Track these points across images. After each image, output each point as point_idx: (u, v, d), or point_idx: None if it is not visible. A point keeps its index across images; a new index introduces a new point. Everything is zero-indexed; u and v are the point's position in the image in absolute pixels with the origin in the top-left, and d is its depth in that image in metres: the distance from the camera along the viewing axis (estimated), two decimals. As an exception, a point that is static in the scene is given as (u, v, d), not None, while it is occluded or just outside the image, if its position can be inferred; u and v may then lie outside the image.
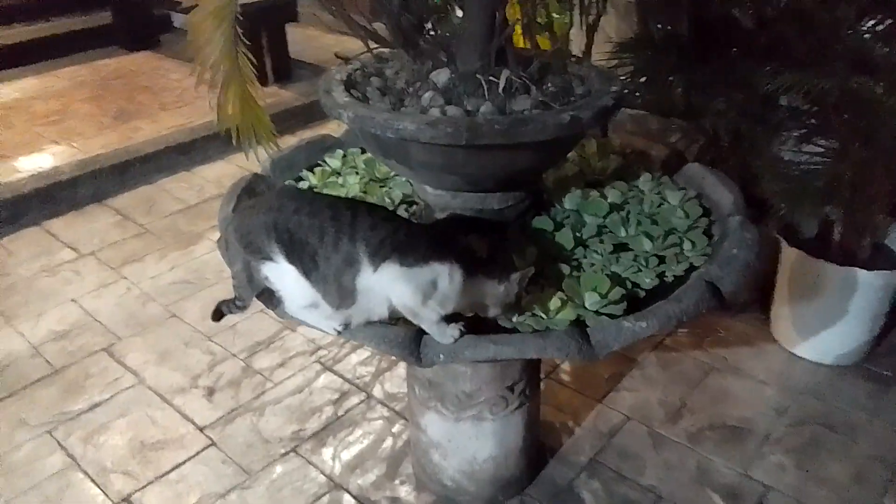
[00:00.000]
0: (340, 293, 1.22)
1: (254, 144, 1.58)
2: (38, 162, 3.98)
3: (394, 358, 2.39)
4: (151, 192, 3.92)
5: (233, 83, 1.47)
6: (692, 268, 1.49)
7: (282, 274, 1.25)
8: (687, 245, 1.56)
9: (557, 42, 2.53)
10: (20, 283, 3.13)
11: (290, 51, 5.30)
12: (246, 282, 1.30)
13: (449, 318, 1.26)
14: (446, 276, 1.20)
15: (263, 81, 4.69)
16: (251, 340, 2.71)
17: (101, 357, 2.65)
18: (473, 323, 1.30)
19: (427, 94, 1.47)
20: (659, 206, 1.73)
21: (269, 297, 1.34)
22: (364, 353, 2.61)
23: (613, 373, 2.48)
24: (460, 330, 1.24)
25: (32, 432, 2.29)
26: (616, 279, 1.45)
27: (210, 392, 2.45)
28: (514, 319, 1.34)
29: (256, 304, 1.38)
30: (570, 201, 1.72)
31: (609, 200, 1.73)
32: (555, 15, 3.91)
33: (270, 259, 1.23)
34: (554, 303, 1.37)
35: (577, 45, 3.88)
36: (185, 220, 3.63)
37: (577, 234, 1.61)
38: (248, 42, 1.49)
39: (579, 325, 1.32)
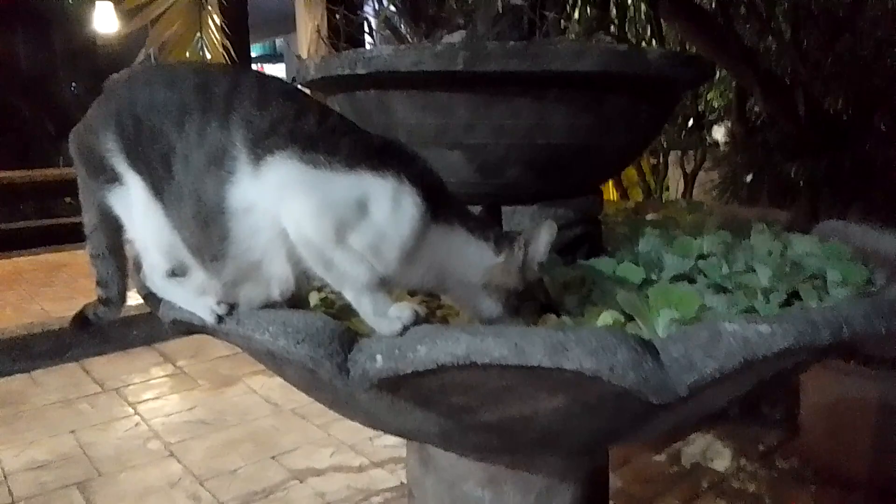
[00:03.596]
0: (202, 219, 0.72)
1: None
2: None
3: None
4: (203, 339, 3.62)
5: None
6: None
7: (128, 202, 0.77)
8: (834, 275, 0.96)
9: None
10: (29, 413, 2.80)
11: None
12: (104, 246, 0.83)
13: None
14: (387, 197, 0.69)
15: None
16: (248, 489, 2.14)
17: (70, 492, 2.16)
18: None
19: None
20: (781, 254, 1.16)
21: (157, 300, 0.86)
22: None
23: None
24: (413, 310, 0.69)
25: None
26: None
27: (172, 545, 1.86)
28: (530, 336, 0.77)
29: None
30: (645, 243, 1.19)
31: (704, 250, 1.18)
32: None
33: (114, 179, 0.76)
34: (604, 318, 0.81)
35: (675, 188, 3.49)
36: (227, 364, 3.27)
37: (652, 278, 1.06)
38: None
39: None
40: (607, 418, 0.78)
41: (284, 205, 0.69)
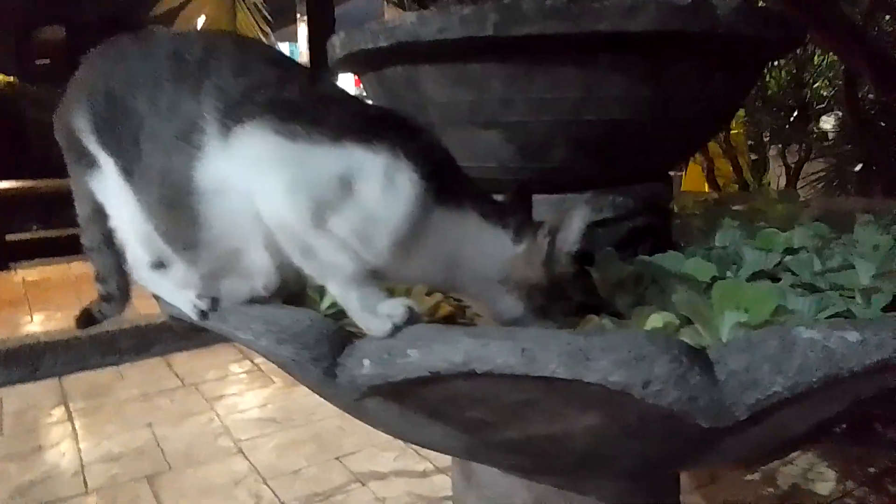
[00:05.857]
0: (168, 202, 0.64)
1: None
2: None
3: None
4: (281, 337, 3.68)
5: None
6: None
7: (106, 189, 0.70)
8: (957, 273, 0.78)
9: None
10: (112, 405, 2.89)
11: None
12: (99, 239, 0.76)
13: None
14: (377, 173, 0.59)
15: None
16: (310, 490, 2.10)
17: (140, 486, 2.19)
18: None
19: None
20: (891, 249, 0.97)
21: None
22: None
23: None
24: (407, 307, 0.59)
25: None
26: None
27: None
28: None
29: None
30: (723, 237, 1.04)
31: (794, 244, 1.01)
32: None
33: (92, 162, 0.69)
34: (653, 321, 0.67)
35: (776, 184, 3.22)
36: (301, 363, 3.28)
37: (727, 275, 0.90)
38: None
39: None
40: (656, 442, 0.65)
41: (256, 182, 0.60)
